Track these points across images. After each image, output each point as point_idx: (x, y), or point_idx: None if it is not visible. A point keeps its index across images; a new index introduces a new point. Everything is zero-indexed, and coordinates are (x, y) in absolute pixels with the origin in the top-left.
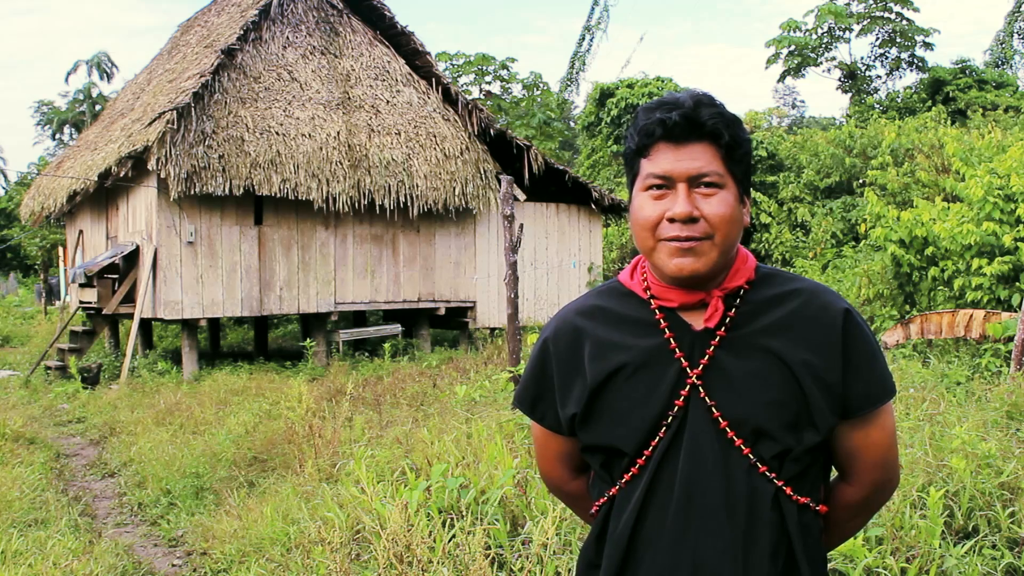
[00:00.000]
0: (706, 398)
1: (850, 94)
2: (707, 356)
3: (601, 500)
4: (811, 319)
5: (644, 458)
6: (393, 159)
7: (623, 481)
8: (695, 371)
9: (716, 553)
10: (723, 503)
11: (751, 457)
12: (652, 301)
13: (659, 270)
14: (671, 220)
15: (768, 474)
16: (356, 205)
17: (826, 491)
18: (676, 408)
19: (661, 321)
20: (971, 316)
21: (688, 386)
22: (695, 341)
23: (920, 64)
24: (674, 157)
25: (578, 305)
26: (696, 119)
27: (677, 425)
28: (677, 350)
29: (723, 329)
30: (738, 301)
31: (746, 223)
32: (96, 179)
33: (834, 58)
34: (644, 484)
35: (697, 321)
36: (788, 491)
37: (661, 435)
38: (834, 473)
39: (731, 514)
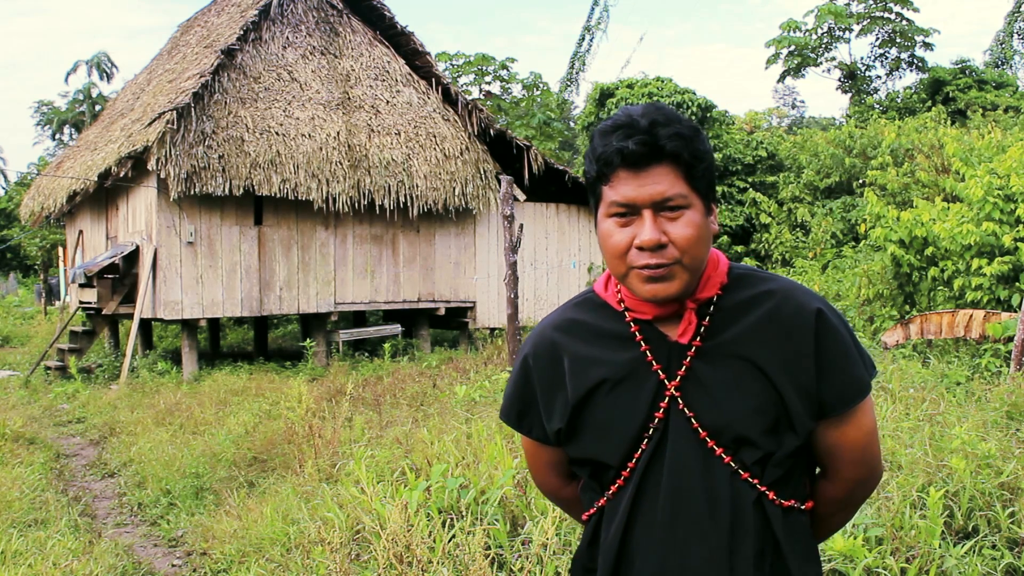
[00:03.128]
0: (685, 409)
1: (850, 94)
2: (684, 367)
3: (591, 510)
4: (784, 322)
5: (629, 470)
6: (393, 159)
7: (610, 492)
8: (673, 383)
9: (703, 559)
10: (707, 510)
11: (733, 464)
12: (627, 314)
13: (636, 295)
14: (639, 248)
15: (751, 480)
16: (356, 205)
17: (811, 486)
18: (657, 420)
19: (637, 334)
20: (971, 316)
21: (667, 397)
22: (672, 352)
23: (920, 64)
24: (636, 183)
25: (554, 319)
26: (654, 143)
27: (659, 436)
28: (654, 362)
29: (698, 339)
30: (712, 309)
31: (714, 231)
32: (96, 179)
33: (834, 58)
34: (630, 495)
35: (673, 332)
36: (771, 496)
37: (644, 447)
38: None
39: (715, 520)
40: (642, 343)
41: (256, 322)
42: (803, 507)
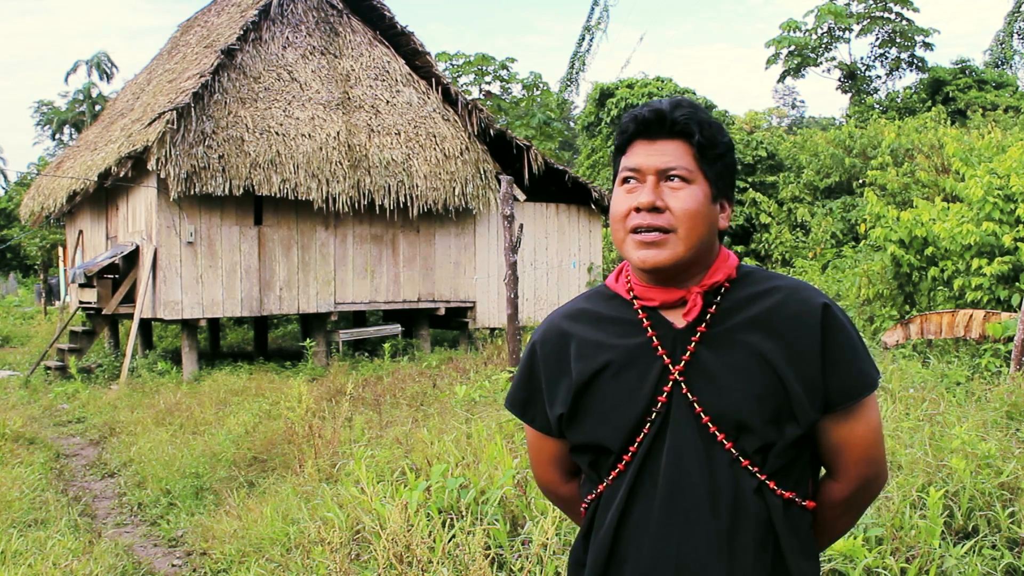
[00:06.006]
0: (688, 394)
1: (850, 94)
2: (688, 353)
3: (589, 497)
4: (790, 314)
5: (630, 454)
6: (393, 159)
7: (609, 478)
8: (677, 368)
9: (701, 547)
10: (706, 497)
11: (733, 451)
12: (635, 301)
13: (630, 263)
14: (637, 210)
15: (751, 468)
16: (356, 205)
17: (814, 488)
18: (659, 404)
19: (644, 320)
20: (971, 316)
21: (671, 382)
22: (677, 338)
23: (920, 64)
24: (646, 152)
25: (565, 309)
26: (666, 117)
27: (660, 421)
28: (659, 348)
29: (704, 325)
30: (718, 298)
31: (723, 226)
32: (96, 179)
33: (834, 58)
34: (628, 480)
35: (679, 319)
36: (771, 485)
37: (645, 431)
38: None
39: (714, 508)
40: (648, 328)
41: (256, 322)
42: (804, 503)
